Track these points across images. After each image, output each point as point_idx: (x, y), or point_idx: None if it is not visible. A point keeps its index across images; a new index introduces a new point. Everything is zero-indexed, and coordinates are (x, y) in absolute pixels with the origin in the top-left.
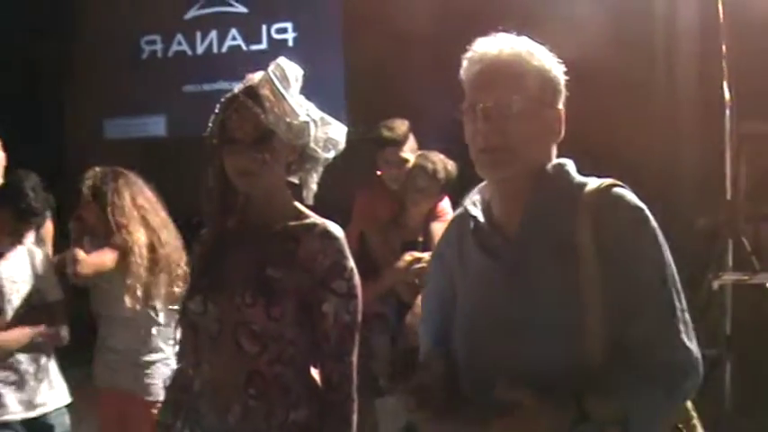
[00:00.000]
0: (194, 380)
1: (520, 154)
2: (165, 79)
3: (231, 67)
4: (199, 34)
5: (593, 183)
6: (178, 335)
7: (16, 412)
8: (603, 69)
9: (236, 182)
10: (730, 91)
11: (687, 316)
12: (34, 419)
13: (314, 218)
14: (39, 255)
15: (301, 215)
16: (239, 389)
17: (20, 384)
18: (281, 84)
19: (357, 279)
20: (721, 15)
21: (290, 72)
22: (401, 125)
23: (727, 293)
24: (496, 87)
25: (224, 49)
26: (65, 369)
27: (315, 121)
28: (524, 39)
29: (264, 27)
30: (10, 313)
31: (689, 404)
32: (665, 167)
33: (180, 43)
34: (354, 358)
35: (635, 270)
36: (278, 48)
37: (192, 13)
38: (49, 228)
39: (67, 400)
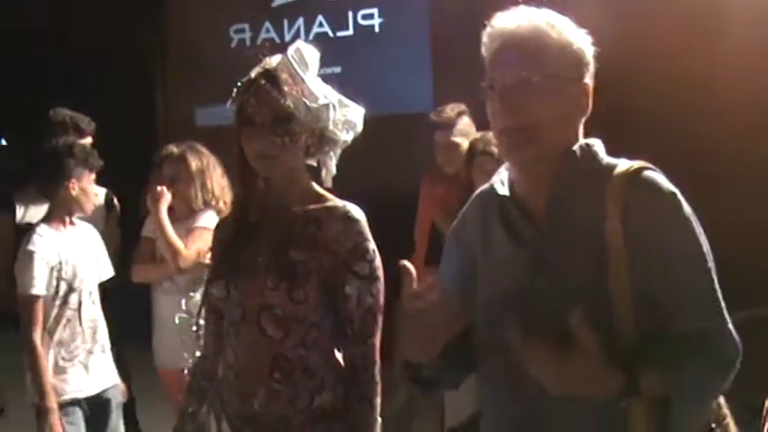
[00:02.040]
0: (217, 366)
1: (541, 134)
2: (253, 67)
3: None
4: (286, 22)
5: (622, 165)
6: (201, 321)
7: (82, 389)
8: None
9: (256, 165)
10: None
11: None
12: (94, 396)
13: (334, 200)
14: (96, 233)
15: (322, 198)
16: (264, 373)
17: (84, 362)
18: (300, 67)
19: (379, 261)
20: None
21: (309, 55)
22: (451, 110)
23: None
24: (514, 64)
25: (311, 36)
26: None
27: (333, 104)
28: (546, 11)
29: (351, 13)
30: (84, 292)
31: (722, 401)
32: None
33: (268, 31)
34: (377, 341)
35: (671, 260)
36: (364, 34)
37: (280, 0)
38: (116, 213)
39: (117, 379)
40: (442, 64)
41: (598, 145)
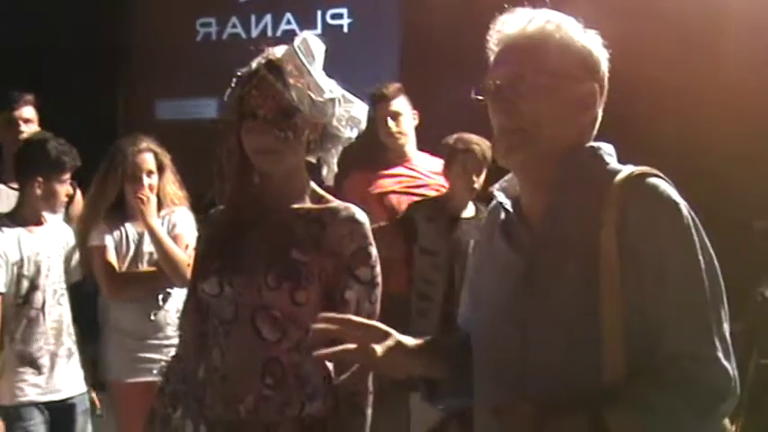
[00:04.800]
0: (197, 368)
1: (536, 136)
2: (218, 62)
3: None
4: (253, 17)
5: (625, 170)
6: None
7: (44, 393)
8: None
9: (256, 161)
10: None
11: (726, 332)
12: (57, 402)
13: (336, 202)
14: (69, 231)
15: (322, 198)
16: (254, 377)
17: (47, 364)
18: (306, 58)
19: (379, 268)
20: None
21: (315, 47)
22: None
23: None
24: (508, 64)
25: (278, 33)
26: None
27: (338, 99)
28: (552, 13)
29: (319, 12)
30: (48, 291)
31: (728, 424)
32: (723, 166)
33: (234, 26)
34: None
35: (663, 274)
36: (332, 33)
37: None
38: (78, 204)
39: (84, 387)
40: (409, 69)
41: (605, 148)
